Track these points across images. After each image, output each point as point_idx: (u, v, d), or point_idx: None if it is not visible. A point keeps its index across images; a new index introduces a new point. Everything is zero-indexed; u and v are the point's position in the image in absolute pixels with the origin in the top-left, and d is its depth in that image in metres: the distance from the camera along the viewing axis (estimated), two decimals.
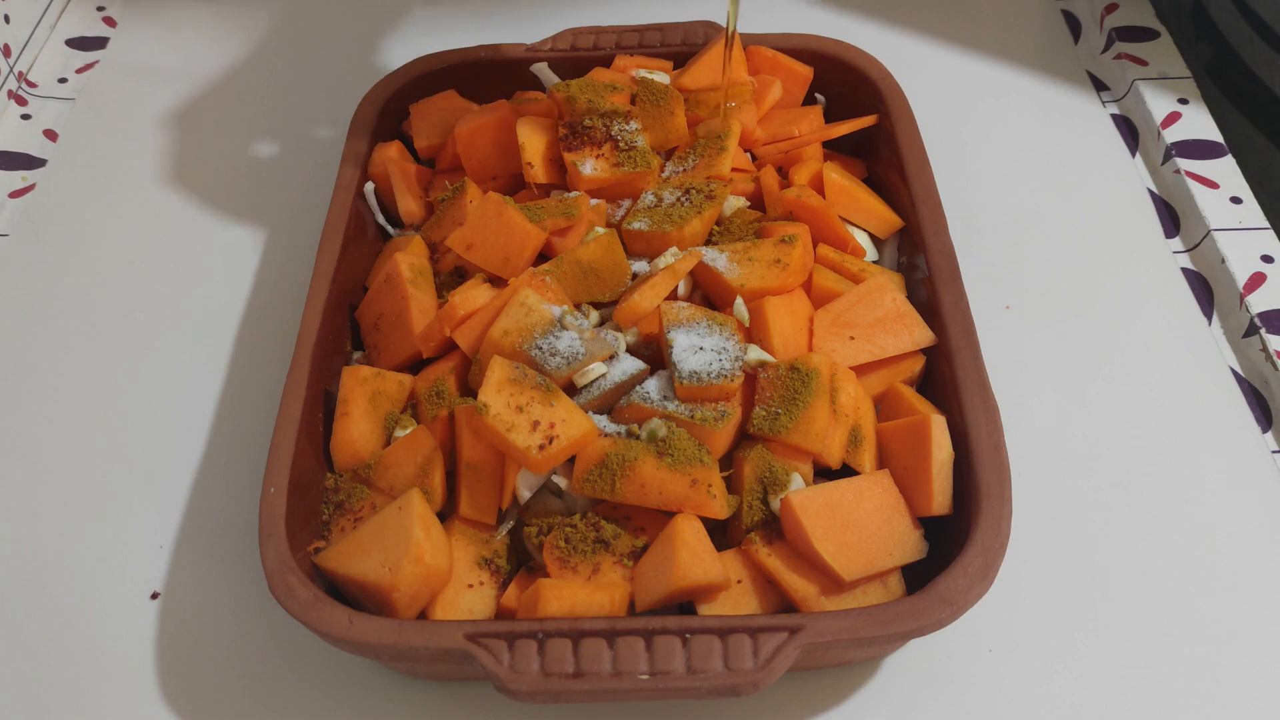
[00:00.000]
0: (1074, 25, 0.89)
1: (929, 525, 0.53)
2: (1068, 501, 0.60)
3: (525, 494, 0.54)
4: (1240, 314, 0.67)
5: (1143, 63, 0.83)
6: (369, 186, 0.69)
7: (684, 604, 0.52)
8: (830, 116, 0.73)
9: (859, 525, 0.51)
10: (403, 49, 0.79)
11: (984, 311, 0.63)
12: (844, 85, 0.73)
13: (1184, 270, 0.71)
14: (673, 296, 0.60)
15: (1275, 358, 0.64)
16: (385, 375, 0.59)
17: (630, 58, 0.73)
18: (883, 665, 0.55)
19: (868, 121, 0.70)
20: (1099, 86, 0.83)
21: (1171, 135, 0.77)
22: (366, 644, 0.49)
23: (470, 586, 0.53)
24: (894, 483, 0.53)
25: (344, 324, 0.63)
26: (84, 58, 0.91)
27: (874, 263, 0.65)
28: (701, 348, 0.55)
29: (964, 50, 0.86)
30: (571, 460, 0.54)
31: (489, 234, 0.61)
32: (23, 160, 0.83)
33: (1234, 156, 0.75)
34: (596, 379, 0.56)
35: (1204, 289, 0.70)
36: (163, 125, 0.85)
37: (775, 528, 0.53)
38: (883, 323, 0.59)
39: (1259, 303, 0.67)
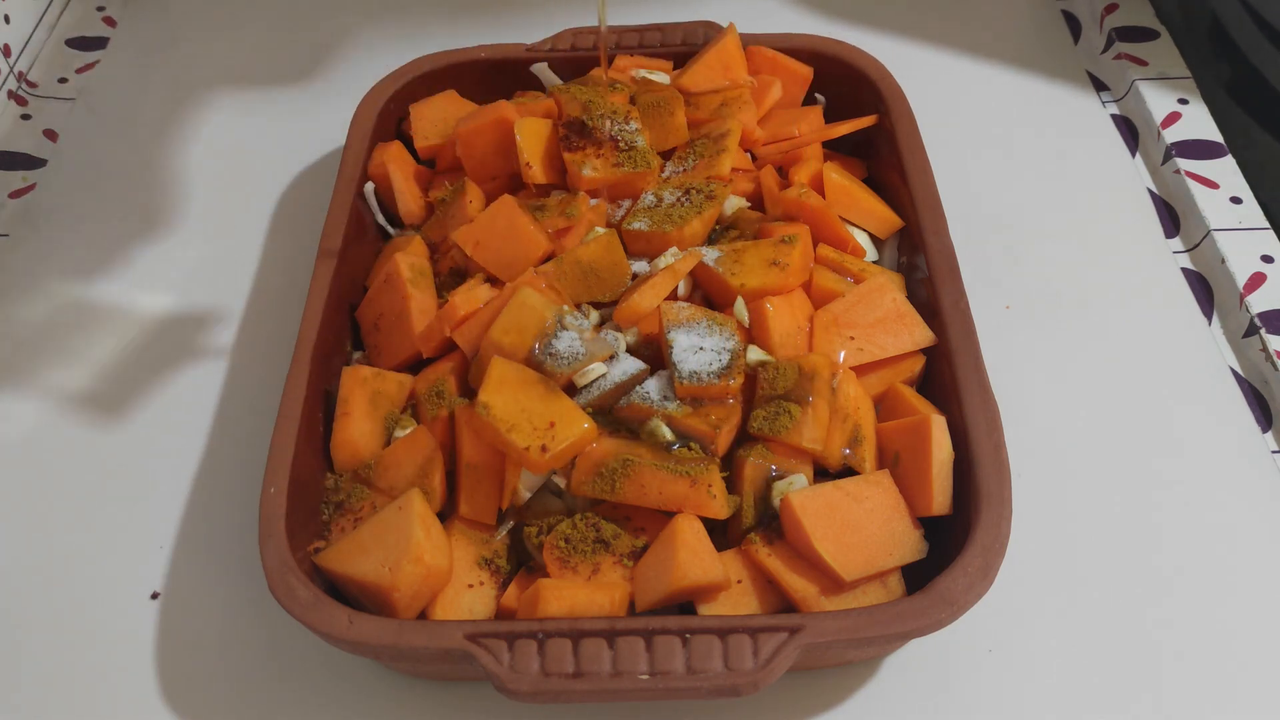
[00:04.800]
0: (1074, 25, 0.89)
1: (929, 525, 0.53)
2: (1068, 501, 0.60)
3: (525, 494, 0.54)
4: (1240, 314, 0.67)
5: (1143, 63, 0.83)
6: (369, 186, 0.69)
7: (684, 604, 0.52)
8: (830, 116, 0.73)
9: (859, 525, 0.51)
10: (403, 49, 0.79)
11: (984, 311, 0.63)
12: (844, 85, 0.73)
13: (1184, 270, 0.71)
14: (673, 296, 0.60)
15: (1275, 358, 0.64)
16: (385, 375, 0.59)
17: (630, 58, 0.73)
18: (883, 665, 0.55)
19: (868, 121, 0.70)
20: (1099, 86, 0.83)
21: (1171, 135, 0.77)
22: (366, 644, 0.49)
23: (470, 586, 0.53)
24: (894, 483, 0.53)
25: (344, 324, 0.63)
26: (84, 58, 0.91)
27: (874, 263, 0.65)
28: (701, 348, 0.55)
29: (964, 50, 0.86)
30: (572, 460, 0.54)
31: (497, 236, 0.61)
32: (23, 160, 0.83)
33: (1252, 168, 0.75)
34: (596, 379, 0.56)
35: (1204, 289, 0.70)
36: (163, 125, 0.84)
37: (775, 528, 0.53)
38: (883, 323, 0.59)
39: (1259, 303, 0.67)
